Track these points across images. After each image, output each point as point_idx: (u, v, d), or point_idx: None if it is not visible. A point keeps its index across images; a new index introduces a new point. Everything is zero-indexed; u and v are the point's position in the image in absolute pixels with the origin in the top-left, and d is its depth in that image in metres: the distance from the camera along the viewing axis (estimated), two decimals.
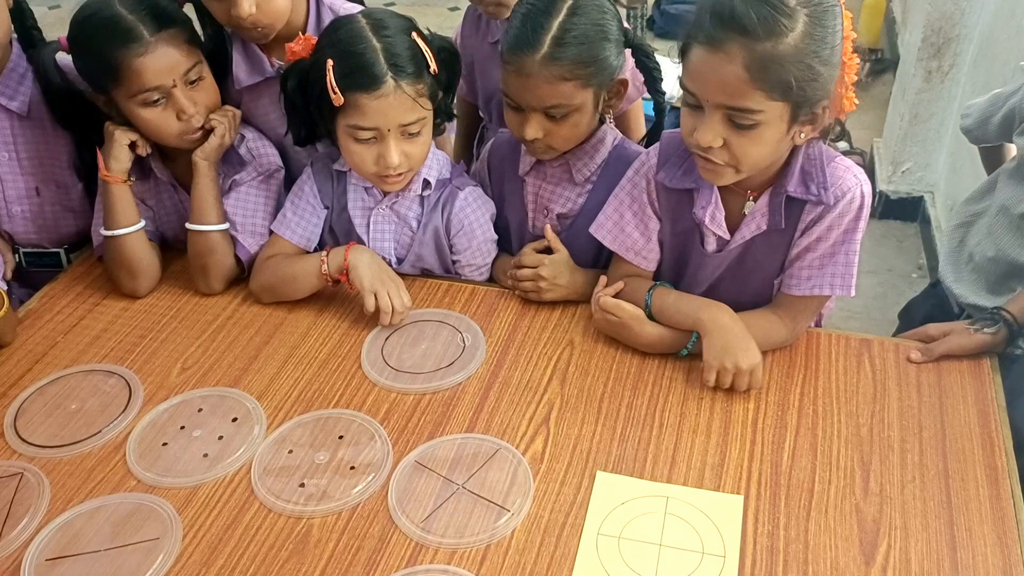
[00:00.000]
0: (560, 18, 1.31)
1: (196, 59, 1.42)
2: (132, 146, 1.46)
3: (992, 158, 1.71)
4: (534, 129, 1.36)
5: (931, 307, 1.66)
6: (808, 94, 1.11)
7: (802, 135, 1.18)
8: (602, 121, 1.46)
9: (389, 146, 1.35)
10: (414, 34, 1.35)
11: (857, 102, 1.20)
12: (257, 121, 1.61)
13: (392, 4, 5.09)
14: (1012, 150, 1.65)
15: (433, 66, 1.35)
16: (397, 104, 1.32)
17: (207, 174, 1.47)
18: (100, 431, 1.25)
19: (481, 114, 1.89)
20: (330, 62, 1.31)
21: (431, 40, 1.39)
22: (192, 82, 1.42)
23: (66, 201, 1.60)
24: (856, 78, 1.18)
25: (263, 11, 1.39)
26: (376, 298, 1.39)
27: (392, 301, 1.39)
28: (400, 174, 1.39)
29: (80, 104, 1.48)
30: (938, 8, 2.66)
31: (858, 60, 1.17)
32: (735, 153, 1.16)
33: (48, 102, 1.50)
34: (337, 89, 1.31)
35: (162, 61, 1.36)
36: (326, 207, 1.52)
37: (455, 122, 1.89)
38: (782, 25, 1.06)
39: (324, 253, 1.44)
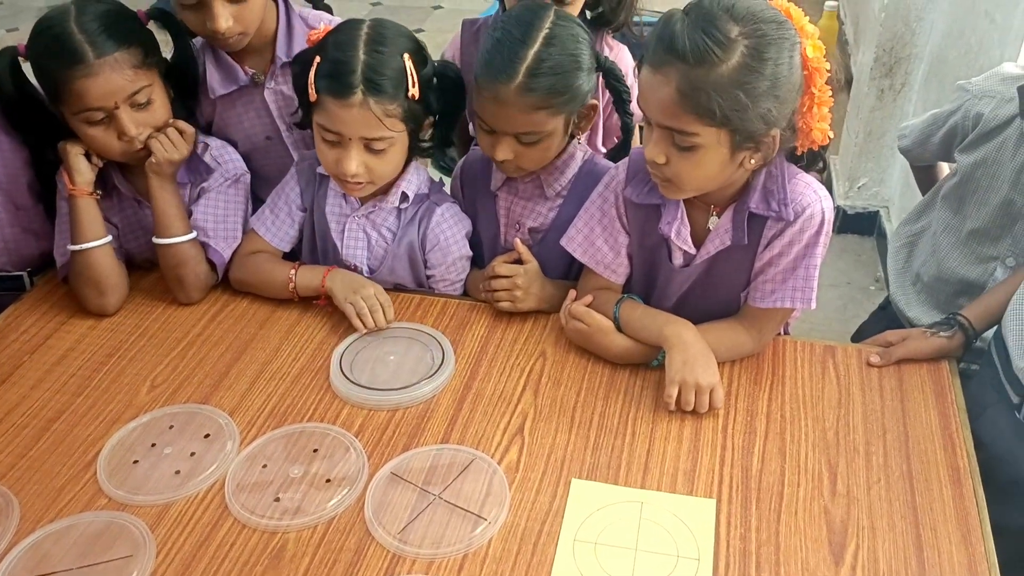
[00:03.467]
0: (535, 48, 1.32)
1: (145, 83, 1.39)
2: (89, 156, 1.45)
3: (925, 177, 1.75)
4: (504, 151, 1.39)
5: (883, 329, 1.68)
6: (739, 123, 1.14)
7: (751, 161, 1.21)
8: (571, 138, 1.48)
9: (349, 154, 1.36)
10: (407, 56, 1.36)
11: (831, 135, 1.22)
12: (232, 129, 1.61)
13: (378, 3, 5.08)
14: (945, 168, 1.68)
15: (413, 92, 1.36)
16: (361, 118, 1.33)
17: (161, 186, 1.47)
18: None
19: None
20: (317, 59, 1.34)
21: (428, 67, 1.40)
22: (139, 104, 1.40)
23: (26, 223, 1.57)
24: (830, 111, 1.19)
25: (238, 20, 1.43)
26: (354, 307, 1.42)
27: (366, 304, 1.42)
28: (359, 183, 1.41)
29: (36, 110, 1.44)
30: (889, 29, 2.75)
31: (831, 93, 1.18)
32: (676, 172, 1.20)
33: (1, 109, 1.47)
34: (314, 86, 1.34)
35: (105, 85, 1.35)
36: (304, 209, 1.54)
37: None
38: (714, 55, 1.10)
39: (293, 271, 1.47)
